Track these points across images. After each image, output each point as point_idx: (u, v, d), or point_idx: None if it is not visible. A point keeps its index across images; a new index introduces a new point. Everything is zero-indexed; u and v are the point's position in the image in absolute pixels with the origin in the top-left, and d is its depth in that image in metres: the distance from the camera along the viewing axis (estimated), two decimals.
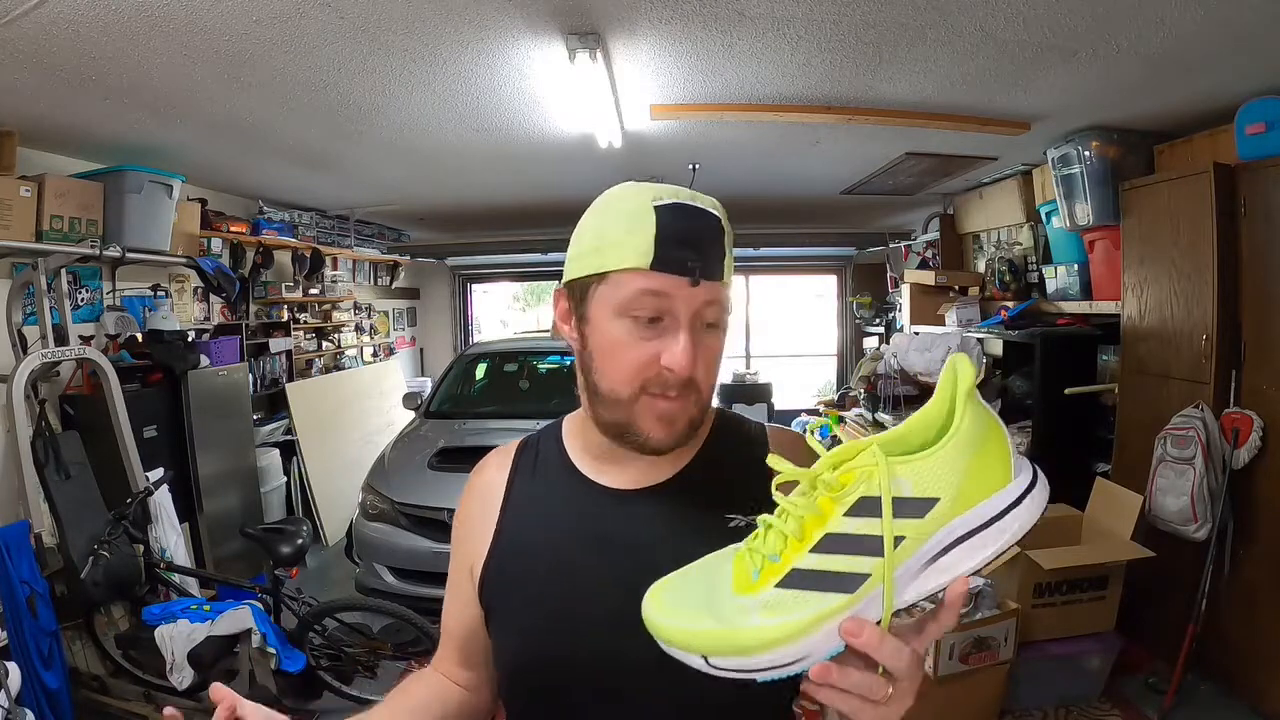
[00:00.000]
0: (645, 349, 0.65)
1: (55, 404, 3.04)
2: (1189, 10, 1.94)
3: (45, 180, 2.76)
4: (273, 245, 4.57)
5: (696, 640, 0.46)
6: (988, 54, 2.29)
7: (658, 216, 0.64)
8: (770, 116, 2.86)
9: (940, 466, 0.44)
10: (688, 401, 0.67)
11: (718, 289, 0.66)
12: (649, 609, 0.49)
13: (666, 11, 2.00)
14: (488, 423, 4.09)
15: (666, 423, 0.67)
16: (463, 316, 8.21)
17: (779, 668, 0.45)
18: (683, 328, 0.64)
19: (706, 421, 0.76)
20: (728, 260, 0.67)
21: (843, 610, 0.44)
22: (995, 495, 0.44)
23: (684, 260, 0.63)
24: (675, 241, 0.63)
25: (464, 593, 0.79)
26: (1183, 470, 2.54)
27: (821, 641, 0.45)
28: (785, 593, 0.45)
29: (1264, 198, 2.50)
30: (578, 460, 0.77)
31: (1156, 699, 2.60)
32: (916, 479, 0.44)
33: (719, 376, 0.71)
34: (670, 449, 0.68)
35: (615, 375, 0.67)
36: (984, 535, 0.44)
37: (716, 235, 0.66)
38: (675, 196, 0.65)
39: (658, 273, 0.63)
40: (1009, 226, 4.31)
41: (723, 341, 0.69)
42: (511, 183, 4.40)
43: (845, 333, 7.82)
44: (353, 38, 2.11)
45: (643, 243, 0.63)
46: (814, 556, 0.45)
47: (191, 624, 2.37)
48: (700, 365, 0.66)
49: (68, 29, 1.92)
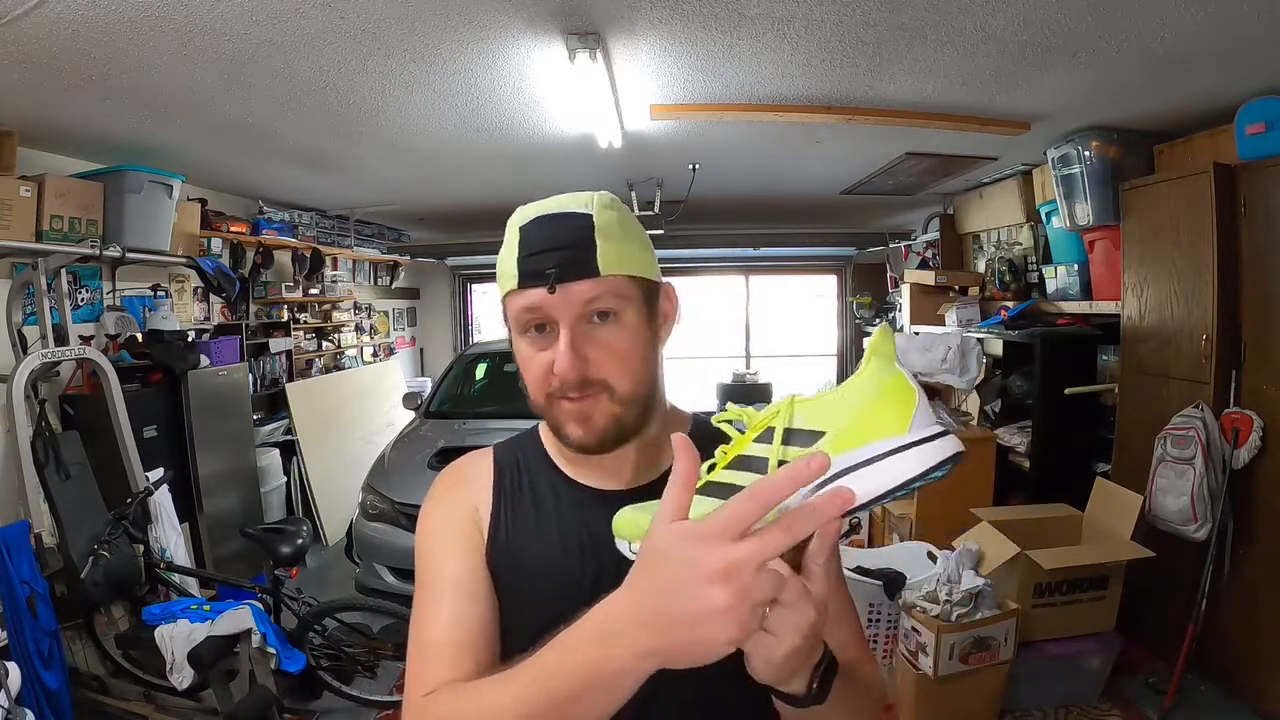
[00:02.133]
0: (541, 360, 0.68)
1: (55, 404, 3.04)
2: (1189, 10, 1.94)
3: (45, 180, 2.76)
4: (273, 245, 4.57)
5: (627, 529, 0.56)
6: (988, 54, 2.29)
7: (520, 236, 0.68)
8: (770, 116, 2.86)
9: (832, 406, 0.51)
10: (598, 399, 0.68)
11: (599, 284, 0.66)
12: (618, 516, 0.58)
13: (666, 11, 2.00)
14: (488, 423, 4.09)
15: (581, 421, 0.69)
16: (463, 316, 8.21)
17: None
18: (561, 333, 0.66)
19: (678, 426, 0.77)
20: (609, 250, 0.66)
21: None
22: (882, 439, 0.49)
23: (540, 270, 0.65)
24: (533, 255, 0.66)
25: (463, 589, 0.73)
26: (1183, 470, 2.54)
27: None
28: (700, 497, 0.51)
29: (1264, 198, 2.50)
30: (564, 464, 0.79)
31: (1156, 699, 2.60)
32: (809, 414, 0.51)
33: (648, 365, 0.71)
34: (598, 447, 0.70)
35: (529, 386, 0.72)
36: (863, 473, 0.48)
37: (582, 234, 0.66)
38: (541, 210, 0.68)
39: (525, 290, 0.67)
40: (1009, 226, 4.31)
41: (634, 330, 0.69)
42: (512, 183, 4.39)
43: (845, 333, 7.82)
44: (353, 38, 2.11)
45: (510, 265, 0.68)
46: (725, 472, 0.53)
47: (191, 624, 2.37)
48: (595, 363, 0.67)
49: (68, 29, 1.92)
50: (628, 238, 0.69)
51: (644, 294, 0.70)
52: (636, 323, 0.69)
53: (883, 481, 0.48)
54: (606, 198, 0.70)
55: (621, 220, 0.69)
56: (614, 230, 0.67)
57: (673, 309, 0.75)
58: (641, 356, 0.70)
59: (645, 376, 0.71)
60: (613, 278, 0.66)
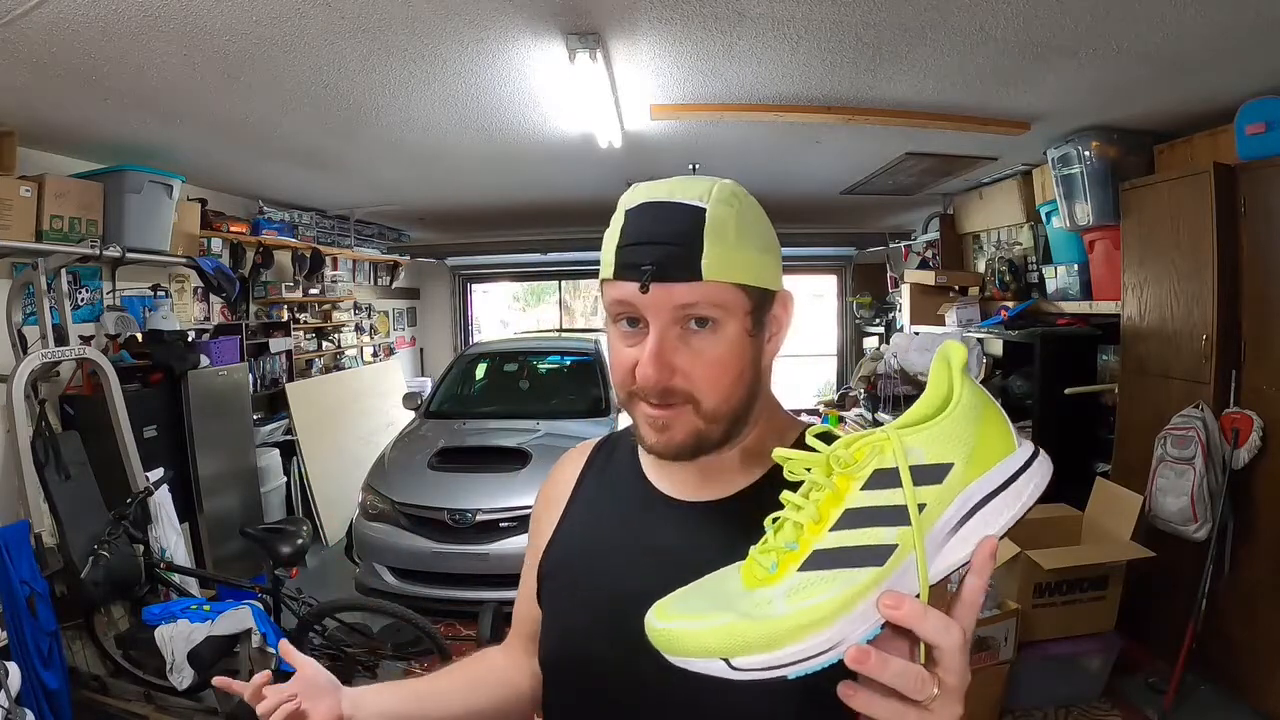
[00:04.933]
0: (627, 355, 0.63)
1: (55, 404, 3.04)
2: (1189, 10, 1.93)
3: (45, 180, 2.76)
4: (273, 245, 4.57)
5: (714, 640, 0.41)
6: (988, 54, 2.29)
7: (625, 221, 0.62)
8: (770, 116, 2.86)
9: (949, 433, 0.44)
10: (681, 411, 0.63)
11: (699, 289, 0.59)
12: (653, 619, 0.45)
13: (666, 11, 2.00)
14: (488, 423, 4.09)
15: (658, 429, 0.64)
16: (463, 316, 8.21)
17: (812, 658, 0.41)
18: (651, 334, 0.61)
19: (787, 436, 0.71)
20: (718, 253, 0.59)
21: (874, 584, 0.42)
22: (1005, 460, 0.45)
23: (636, 265, 0.60)
24: (632, 246, 0.61)
25: (530, 584, 0.80)
26: (1183, 470, 2.54)
27: (857, 622, 0.42)
28: (809, 574, 0.42)
29: (1264, 198, 2.50)
30: (646, 464, 0.75)
31: (1156, 699, 2.60)
32: (928, 447, 0.44)
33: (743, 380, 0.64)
34: (674, 456, 0.65)
35: (614, 379, 0.67)
36: (1003, 498, 0.44)
37: (689, 230, 0.59)
38: (650, 195, 0.62)
39: (619, 281, 0.62)
40: (1009, 226, 4.31)
41: (733, 342, 0.62)
42: (511, 183, 4.40)
43: (845, 333, 7.82)
44: (353, 38, 2.11)
45: (610, 252, 0.63)
46: (835, 534, 0.43)
47: (191, 624, 2.37)
48: (682, 372, 0.61)
49: (68, 29, 1.92)
50: (744, 240, 0.61)
51: (753, 303, 0.62)
52: (737, 334, 0.62)
53: (1019, 506, 0.44)
54: (728, 190, 0.62)
55: (741, 218, 0.61)
56: (728, 230, 0.60)
57: (787, 317, 0.67)
58: (737, 371, 0.63)
59: (738, 393, 0.64)
60: (716, 284, 0.59)
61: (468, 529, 3.28)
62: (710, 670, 0.42)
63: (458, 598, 3.26)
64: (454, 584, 3.27)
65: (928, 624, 0.40)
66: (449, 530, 3.30)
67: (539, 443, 3.69)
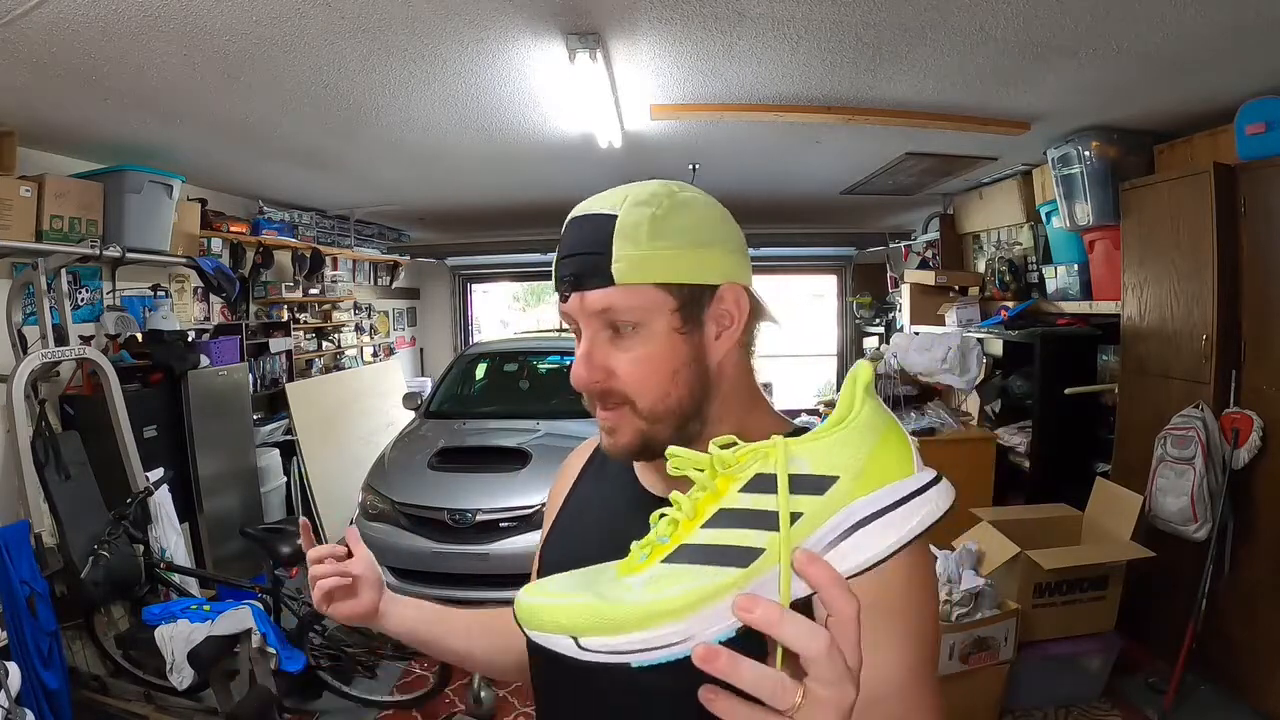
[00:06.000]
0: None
1: (55, 404, 3.03)
2: (1189, 10, 1.93)
3: (45, 180, 2.76)
4: (273, 245, 4.57)
5: (565, 617, 0.42)
6: (988, 54, 2.29)
7: (561, 237, 0.66)
8: (770, 116, 2.86)
9: (840, 446, 0.43)
10: (622, 412, 0.65)
11: (613, 294, 0.61)
12: (521, 594, 0.45)
13: (666, 11, 2.00)
14: (488, 423, 4.09)
15: (607, 432, 0.68)
16: (463, 316, 8.21)
17: (657, 649, 0.41)
18: (582, 339, 0.65)
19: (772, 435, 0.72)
20: (630, 256, 0.60)
21: (734, 586, 0.41)
22: (899, 482, 0.43)
23: (560, 276, 0.64)
24: (561, 260, 0.65)
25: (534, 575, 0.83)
26: (1183, 470, 2.54)
27: (708, 620, 0.41)
28: (672, 566, 0.42)
29: (1264, 198, 2.50)
30: (638, 464, 0.77)
31: (1156, 699, 2.60)
32: (815, 458, 0.43)
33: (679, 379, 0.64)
34: (624, 457, 0.68)
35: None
36: (888, 519, 0.42)
37: (599, 238, 0.61)
38: (577, 210, 0.65)
39: (557, 294, 0.66)
40: (1009, 226, 4.31)
41: (662, 342, 0.63)
42: (511, 183, 4.40)
43: (845, 333, 7.82)
44: (353, 38, 2.11)
45: (553, 268, 0.67)
46: (705, 532, 0.42)
47: (191, 624, 2.37)
48: (617, 375, 0.64)
49: (68, 29, 1.92)
50: (662, 239, 0.61)
51: (680, 301, 0.63)
52: (664, 332, 0.63)
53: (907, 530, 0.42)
54: (648, 191, 0.63)
55: (660, 219, 0.61)
56: (640, 232, 0.61)
57: (739, 311, 0.66)
58: (669, 370, 0.64)
59: (676, 391, 0.65)
60: (630, 287, 0.61)
61: (468, 529, 3.28)
62: (559, 647, 0.42)
63: (458, 598, 3.25)
64: (454, 584, 3.27)
65: (785, 629, 0.38)
66: (449, 530, 3.30)
67: (539, 443, 3.69)
